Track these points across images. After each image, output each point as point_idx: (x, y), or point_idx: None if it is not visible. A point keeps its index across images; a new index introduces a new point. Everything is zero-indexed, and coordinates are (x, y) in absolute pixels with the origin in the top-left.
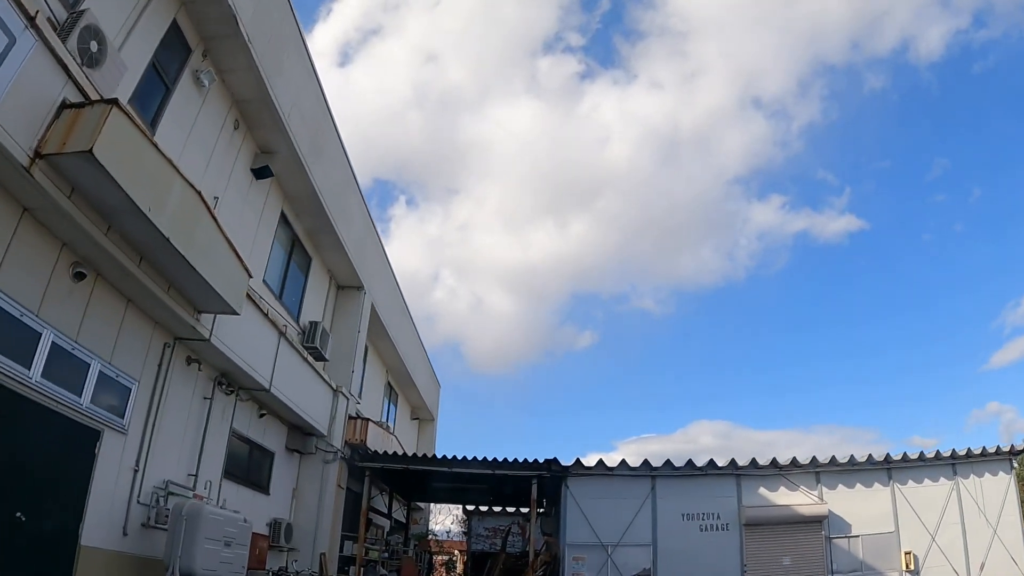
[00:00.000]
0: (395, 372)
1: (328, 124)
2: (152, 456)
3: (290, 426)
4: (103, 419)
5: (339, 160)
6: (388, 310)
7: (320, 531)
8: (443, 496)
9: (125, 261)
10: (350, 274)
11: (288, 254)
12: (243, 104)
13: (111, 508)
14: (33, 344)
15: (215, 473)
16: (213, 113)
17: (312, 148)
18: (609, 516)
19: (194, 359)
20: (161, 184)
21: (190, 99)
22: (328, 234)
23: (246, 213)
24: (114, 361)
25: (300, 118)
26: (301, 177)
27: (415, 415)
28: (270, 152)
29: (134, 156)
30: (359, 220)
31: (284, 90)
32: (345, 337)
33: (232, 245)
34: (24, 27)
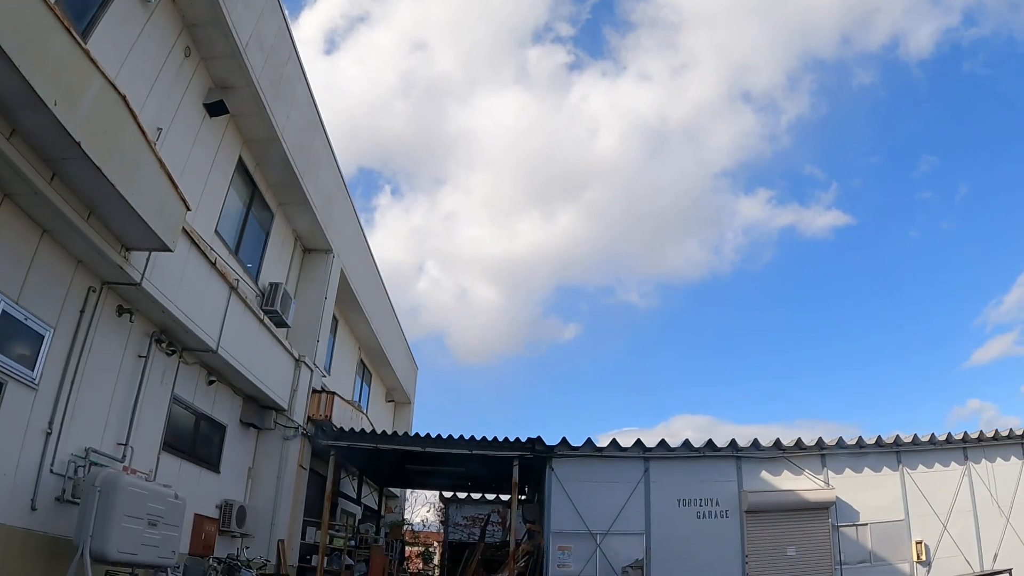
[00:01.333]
0: (368, 349)
1: (293, 62)
2: (70, 418)
3: (245, 397)
4: (6, 368)
5: (306, 104)
6: (360, 279)
7: (279, 515)
8: (418, 481)
9: (32, 175)
10: (317, 235)
11: (247, 206)
12: (195, 28)
13: (15, 477)
14: None
15: (152, 444)
16: (159, 35)
17: (274, 87)
18: (598, 502)
19: (126, 309)
20: (74, 77)
21: (133, 13)
22: (292, 188)
23: (197, 153)
24: (22, 301)
25: (260, 49)
26: (261, 118)
27: (390, 397)
28: (226, 87)
29: (39, 38)
30: (328, 176)
31: (243, 16)
32: (311, 303)
33: (165, 168)
34: None
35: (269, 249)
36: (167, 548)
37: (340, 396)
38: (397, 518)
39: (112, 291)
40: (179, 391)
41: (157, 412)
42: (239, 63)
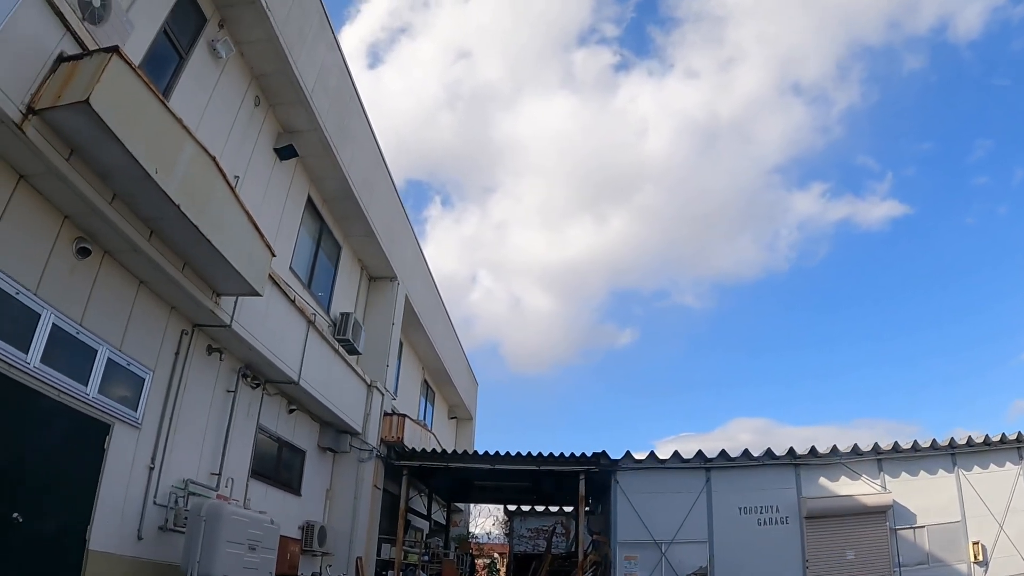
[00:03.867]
0: (431, 369)
1: (354, 101)
2: (170, 453)
3: (322, 423)
4: (113, 411)
5: (368, 142)
6: (422, 302)
7: (356, 534)
8: (484, 496)
9: (133, 235)
10: (382, 264)
11: (316, 242)
12: (264, 79)
13: (123, 509)
14: (31, 325)
15: (241, 472)
16: (232, 87)
17: (338, 127)
18: (662, 512)
19: (215, 348)
20: (169, 145)
21: (206, 71)
22: (358, 221)
23: (270, 196)
24: (125, 348)
25: (325, 94)
26: (328, 158)
27: (452, 414)
28: (294, 131)
29: (137, 111)
30: (390, 206)
31: (307, 63)
32: (379, 330)
33: (252, 219)
34: None
35: (338, 280)
36: (264, 570)
37: (410, 418)
38: (463, 532)
39: (202, 332)
40: (264, 421)
41: (245, 442)
42: (306, 108)
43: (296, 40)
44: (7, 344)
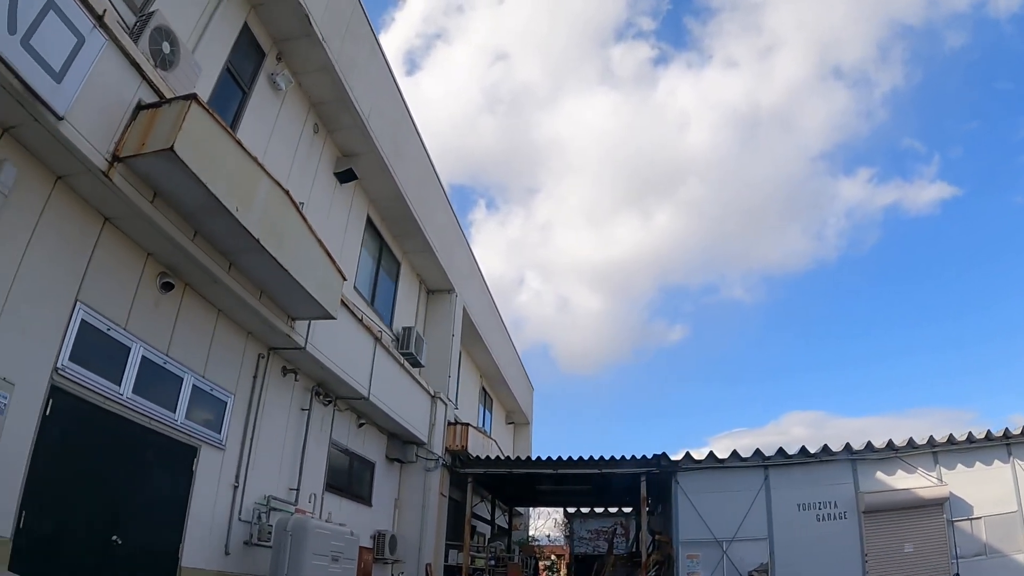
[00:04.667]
0: (489, 376)
1: (407, 122)
2: (252, 471)
3: (389, 435)
4: (199, 435)
5: (421, 159)
6: (479, 312)
7: (425, 541)
8: (545, 499)
9: (214, 268)
10: (440, 277)
11: (376, 260)
12: (321, 106)
13: (211, 526)
14: (122, 359)
15: (317, 486)
16: (292, 117)
17: (394, 148)
18: (722, 510)
19: (290, 369)
20: (247, 182)
21: (267, 103)
22: (415, 237)
23: (332, 219)
24: (208, 374)
25: (380, 116)
26: (385, 179)
27: (510, 419)
28: (352, 155)
29: (217, 153)
30: (445, 220)
31: (362, 90)
32: (439, 342)
33: (324, 247)
34: (92, 26)
35: (399, 296)
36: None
37: (473, 426)
38: (523, 535)
39: (277, 355)
40: (336, 436)
41: (319, 457)
42: (362, 132)
43: (350, 67)
44: (102, 378)
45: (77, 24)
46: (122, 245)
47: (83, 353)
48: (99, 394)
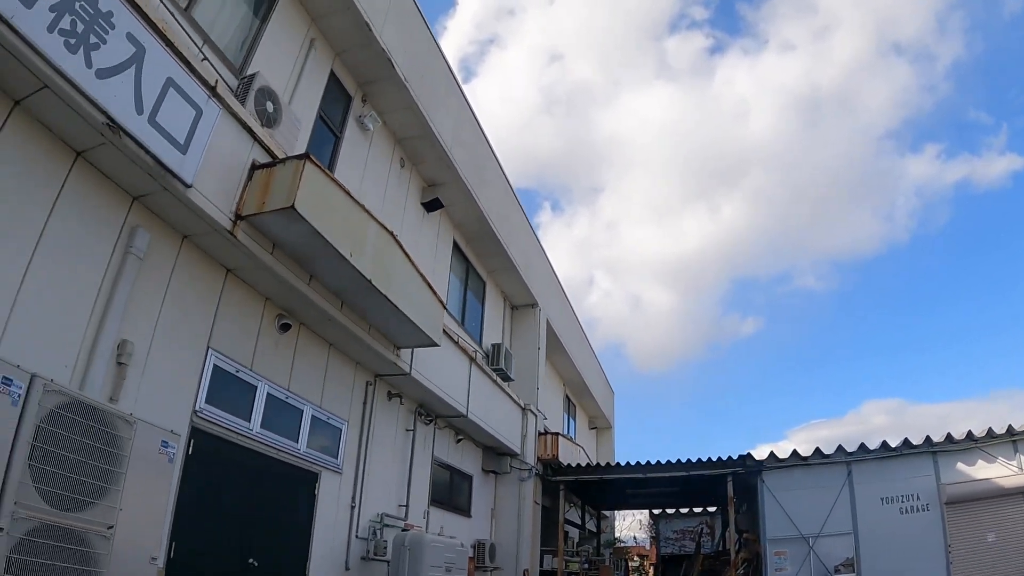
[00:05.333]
0: (572, 384)
1: (485, 147)
2: (366, 491)
3: (484, 448)
4: (320, 461)
5: (500, 181)
6: (561, 323)
7: (521, 548)
8: (632, 502)
9: (328, 308)
10: (523, 293)
11: (464, 281)
12: (406, 141)
13: (333, 545)
14: (250, 397)
15: (423, 501)
16: (380, 154)
17: (475, 174)
18: (807, 507)
19: (395, 393)
20: (357, 229)
21: (358, 144)
22: (499, 256)
23: (422, 247)
24: (324, 404)
25: (461, 147)
26: (469, 204)
27: (592, 424)
28: (437, 184)
29: (330, 205)
30: (525, 238)
31: (442, 122)
32: (526, 355)
33: (426, 280)
34: (207, 97)
35: (486, 314)
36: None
37: (563, 435)
38: (610, 537)
39: (383, 381)
40: (437, 453)
41: (423, 473)
42: (446, 163)
43: (431, 102)
44: (235, 416)
45: (194, 97)
46: (244, 293)
47: (217, 395)
48: (232, 431)
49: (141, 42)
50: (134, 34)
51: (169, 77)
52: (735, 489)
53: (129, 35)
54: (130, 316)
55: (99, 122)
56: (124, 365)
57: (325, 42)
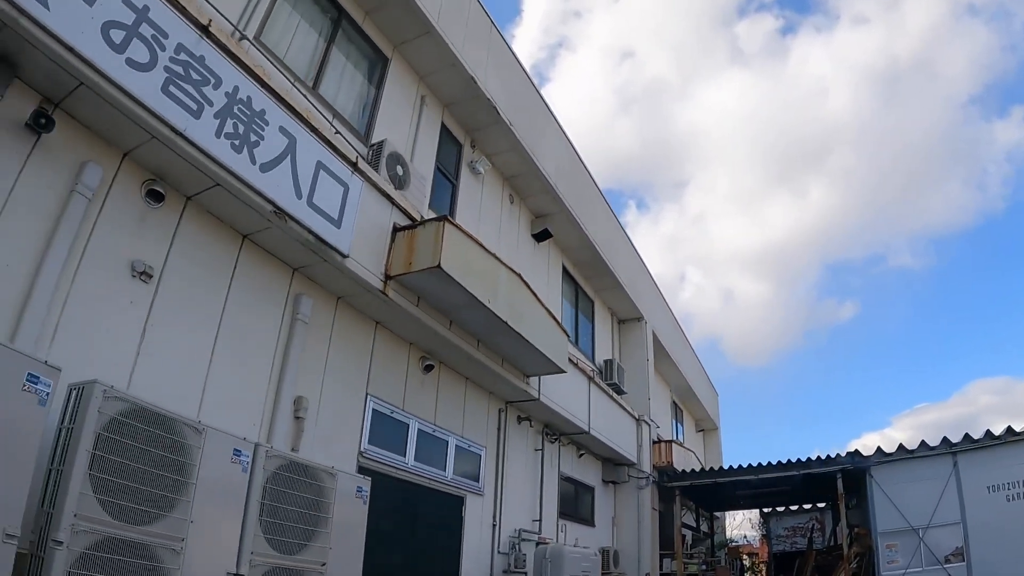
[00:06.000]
0: (678, 390)
1: (583, 173)
2: (504, 510)
3: (603, 460)
4: (464, 486)
5: (600, 203)
6: (665, 332)
7: (642, 553)
8: (743, 502)
9: (466, 347)
10: (629, 307)
11: (574, 303)
12: (514, 179)
13: (479, 561)
14: (404, 434)
15: (552, 515)
16: (491, 194)
17: (578, 201)
18: (915, 499)
19: (524, 417)
20: (491, 276)
21: (471, 187)
22: (605, 276)
23: (535, 275)
24: (465, 434)
25: (563, 178)
26: (575, 231)
27: (699, 427)
28: (544, 215)
29: (467, 259)
30: (627, 253)
31: (545, 157)
32: (635, 367)
33: (551, 313)
34: (351, 173)
35: (596, 331)
36: None
37: (676, 442)
38: (722, 538)
39: (513, 407)
40: (562, 468)
41: (551, 489)
42: (551, 195)
43: (533, 140)
44: (393, 453)
45: (340, 175)
46: (392, 341)
47: (377, 435)
48: (391, 466)
49: (292, 133)
50: (285, 127)
51: (319, 160)
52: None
53: (281, 128)
54: (301, 375)
55: (267, 210)
56: (301, 419)
57: (434, 97)
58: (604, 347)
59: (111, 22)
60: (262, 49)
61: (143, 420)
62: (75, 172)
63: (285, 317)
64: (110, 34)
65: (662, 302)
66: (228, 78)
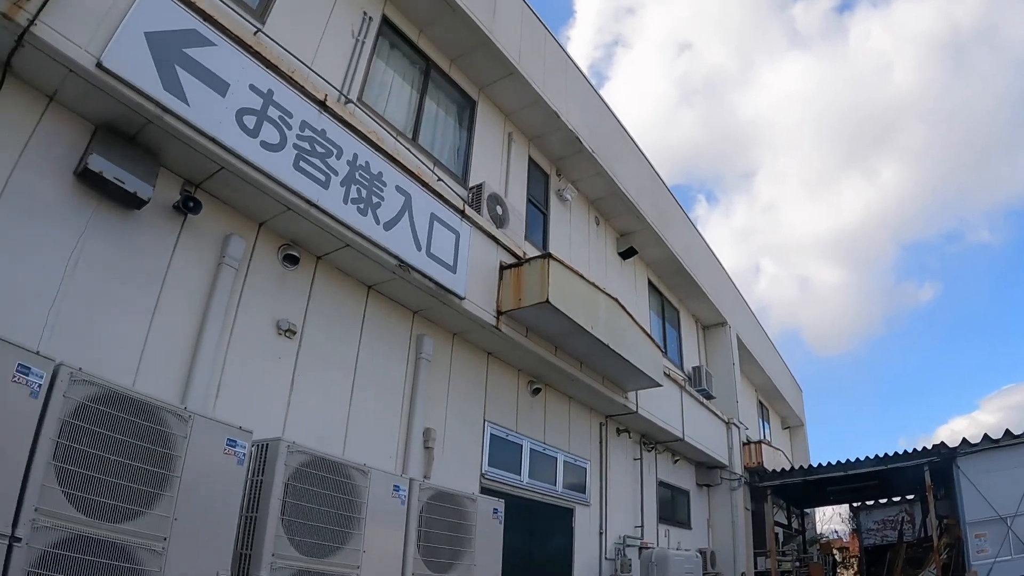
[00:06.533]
0: (763, 390)
1: (662, 189)
2: (609, 518)
3: (696, 464)
4: (572, 498)
5: (678, 214)
6: (748, 334)
7: (737, 553)
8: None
9: (571, 370)
10: (713, 314)
11: (661, 314)
12: (599, 202)
13: (589, 568)
14: (518, 454)
15: (652, 520)
16: (579, 219)
17: (659, 217)
18: (1002, 489)
19: (623, 429)
20: (592, 304)
21: (561, 215)
22: (689, 285)
23: (623, 292)
24: (571, 449)
25: (644, 196)
26: (658, 245)
27: (785, 424)
28: (628, 233)
29: (571, 291)
30: (707, 260)
31: (626, 178)
32: (722, 372)
33: (646, 331)
34: (460, 220)
35: (683, 339)
36: None
37: (765, 443)
38: (813, 533)
39: (612, 420)
40: (660, 475)
41: (650, 495)
42: (635, 214)
43: (614, 163)
44: (510, 472)
45: (451, 223)
46: (503, 369)
47: (495, 457)
48: (508, 484)
49: (406, 190)
50: (400, 185)
51: (432, 212)
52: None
53: (397, 187)
54: (428, 408)
55: (392, 264)
56: (431, 448)
57: (520, 133)
58: (691, 354)
59: (243, 109)
60: (366, 109)
61: (322, 468)
62: (221, 245)
63: (410, 357)
64: (244, 120)
65: (743, 304)
66: (347, 147)
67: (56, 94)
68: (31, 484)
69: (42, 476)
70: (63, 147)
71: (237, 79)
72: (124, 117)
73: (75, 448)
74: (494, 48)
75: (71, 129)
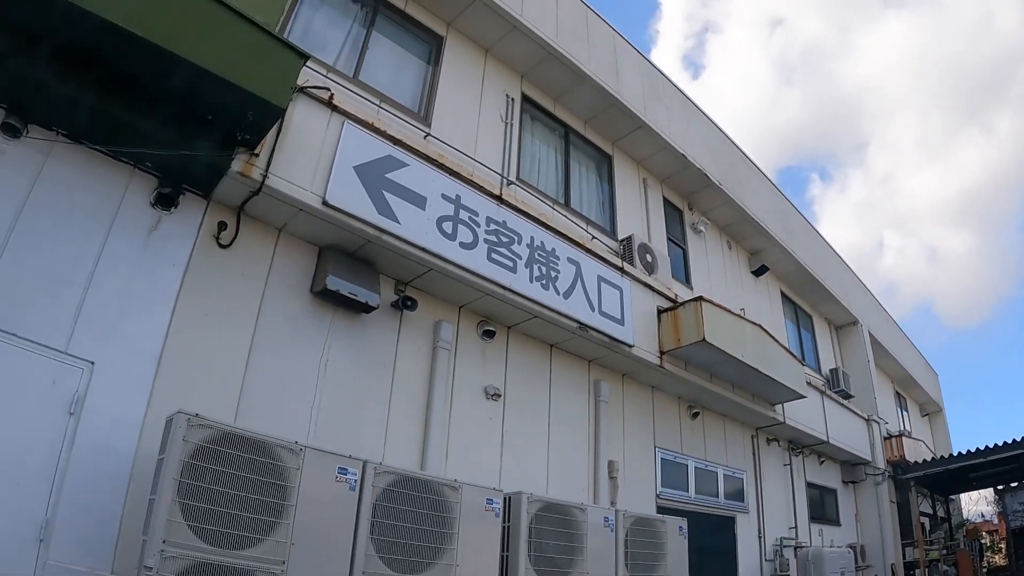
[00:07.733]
0: (899, 380)
1: (785, 203)
2: (765, 522)
3: (841, 463)
4: (733, 507)
5: (801, 223)
6: (880, 329)
7: (885, 545)
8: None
9: (724, 393)
10: (844, 314)
11: (795, 322)
12: (729, 227)
13: (751, 570)
14: (684, 473)
15: (804, 520)
16: (714, 246)
17: (785, 232)
18: None
19: (772, 439)
20: (739, 334)
21: (698, 246)
22: (818, 291)
23: (760, 308)
24: (728, 463)
25: (769, 214)
26: (787, 259)
27: (924, 411)
28: (758, 252)
29: (721, 326)
30: (832, 263)
31: (751, 202)
32: (858, 370)
33: (789, 351)
34: (621, 276)
35: (818, 343)
36: None
37: (905, 435)
38: (959, 519)
39: (762, 431)
40: (808, 477)
41: (801, 496)
42: (763, 233)
43: (740, 190)
44: (679, 491)
45: (614, 281)
46: (665, 400)
47: (666, 478)
48: (679, 502)
49: (576, 259)
50: (571, 256)
51: (598, 275)
52: None
53: (568, 259)
54: (608, 443)
55: (572, 328)
56: (615, 478)
57: (653, 177)
58: (827, 357)
59: (442, 217)
60: (525, 187)
61: (553, 511)
62: (433, 331)
63: (591, 400)
64: (443, 227)
65: (871, 299)
66: (525, 232)
67: (285, 226)
68: (357, 558)
69: (364, 548)
70: (297, 269)
71: (431, 191)
72: (347, 240)
73: (383, 523)
74: (622, 106)
75: (299, 253)
